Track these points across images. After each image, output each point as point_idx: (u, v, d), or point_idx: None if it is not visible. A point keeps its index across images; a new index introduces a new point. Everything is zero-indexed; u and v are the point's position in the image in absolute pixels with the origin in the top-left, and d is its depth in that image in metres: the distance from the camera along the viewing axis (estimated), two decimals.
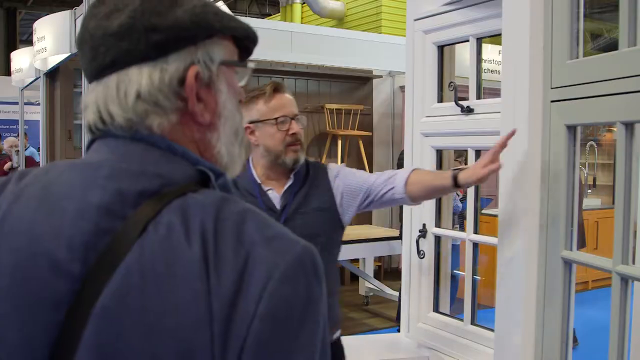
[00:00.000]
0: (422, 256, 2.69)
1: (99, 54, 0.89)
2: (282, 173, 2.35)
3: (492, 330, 2.16)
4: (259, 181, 2.34)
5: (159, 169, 0.86)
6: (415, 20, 2.65)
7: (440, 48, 2.64)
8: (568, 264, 1.66)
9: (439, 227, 2.75)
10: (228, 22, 0.94)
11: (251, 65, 1.01)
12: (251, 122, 2.30)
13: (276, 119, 2.28)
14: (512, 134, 1.87)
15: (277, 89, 2.32)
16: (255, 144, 2.32)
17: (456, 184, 2.09)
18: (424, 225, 2.70)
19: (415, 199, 2.26)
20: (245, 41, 0.99)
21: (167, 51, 0.88)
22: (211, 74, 0.92)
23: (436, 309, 2.74)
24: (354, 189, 2.32)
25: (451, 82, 2.56)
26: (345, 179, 2.35)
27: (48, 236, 0.81)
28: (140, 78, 0.87)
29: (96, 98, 0.90)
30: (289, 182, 2.34)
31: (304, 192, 2.32)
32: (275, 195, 2.33)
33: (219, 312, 0.75)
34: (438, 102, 2.65)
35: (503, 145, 1.91)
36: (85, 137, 1.02)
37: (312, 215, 2.30)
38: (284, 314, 0.77)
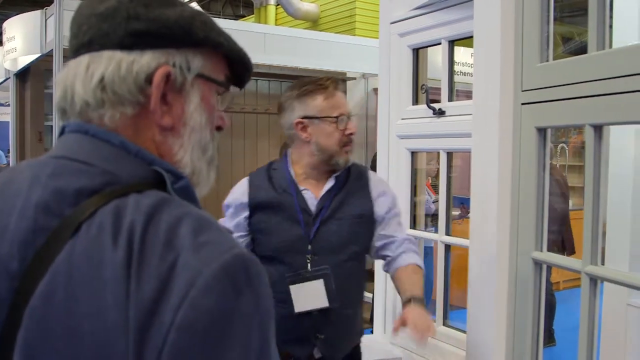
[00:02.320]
0: None
1: (81, 32, 0.89)
2: (324, 174, 2.20)
3: (464, 331, 2.18)
4: (295, 180, 2.19)
5: (105, 166, 0.84)
6: (392, 23, 2.66)
7: (415, 51, 2.66)
8: (538, 264, 1.68)
9: (414, 228, 2.77)
10: (215, 37, 0.92)
11: (234, 90, 0.99)
12: (305, 117, 2.13)
13: (337, 117, 2.13)
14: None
15: (336, 86, 2.17)
16: (306, 141, 2.15)
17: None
18: None
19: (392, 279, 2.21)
20: (238, 65, 0.98)
21: (145, 45, 0.87)
22: (184, 81, 0.90)
23: None
24: (386, 219, 2.20)
25: (423, 85, 2.58)
26: (387, 203, 2.21)
27: None
28: (109, 62, 0.86)
29: (67, 74, 0.89)
30: (329, 185, 2.18)
31: (342, 196, 2.17)
32: (310, 196, 2.18)
33: (135, 320, 0.70)
34: (413, 104, 2.67)
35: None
36: (56, 131, 1.02)
37: (348, 222, 2.16)
38: (203, 327, 0.71)
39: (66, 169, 0.83)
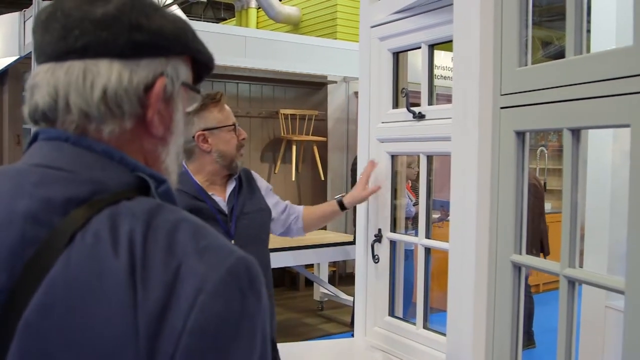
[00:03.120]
0: (376, 261, 2.70)
1: (71, 36, 0.84)
2: (225, 178, 2.51)
3: (444, 334, 2.18)
4: (202, 187, 2.46)
5: (91, 174, 0.83)
6: (372, 27, 2.66)
7: (395, 55, 2.66)
8: (517, 267, 1.69)
9: (394, 232, 2.77)
10: (200, 46, 0.95)
11: (202, 94, 1.01)
12: (205, 129, 2.39)
13: (233, 125, 2.45)
14: (374, 165, 2.60)
15: (224, 99, 2.51)
16: (207, 151, 2.42)
17: (342, 207, 2.74)
18: (379, 230, 2.72)
19: (307, 227, 2.76)
20: (203, 69, 1.00)
21: (142, 55, 0.86)
22: (173, 91, 0.91)
23: (391, 313, 2.75)
24: (274, 202, 2.68)
25: (403, 89, 2.59)
26: (267, 191, 2.68)
27: None
28: (110, 73, 0.84)
29: (55, 81, 0.85)
30: (232, 186, 2.51)
31: (243, 195, 2.51)
32: (219, 199, 2.46)
33: (145, 327, 0.71)
34: (393, 108, 2.67)
35: (368, 174, 2.63)
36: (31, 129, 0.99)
37: (255, 216, 2.51)
38: (215, 330, 0.73)
39: (52, 178, 0.82)
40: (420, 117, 2.47)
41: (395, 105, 2.67)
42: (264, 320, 0.79)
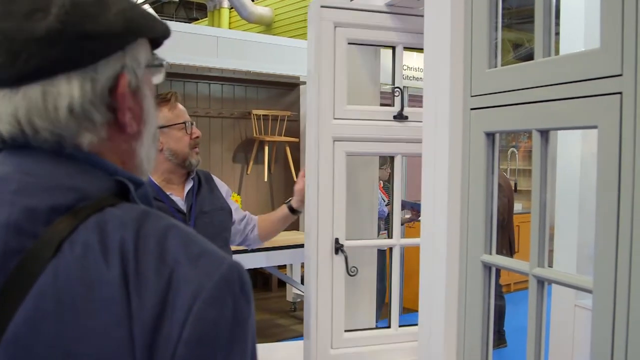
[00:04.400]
0: (353, 273, 2.46)
1: (20, 60, 0.77)
2: (182, 176, 2.55)
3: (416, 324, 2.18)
4: (159, 186, 2.48)
5: (72, 181, 0.80)
6: (322, 7, 2.59)
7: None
8: (488, 267, 1.70)
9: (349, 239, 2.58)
10: (154, 24, 0.88)
11: (166, 64, 0.94)
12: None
13: (183, 123, 2.49)
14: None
15: (177, 99, 2.55)
16: (158, 149, 2.43)
17: (293, 211, 2.75)
18: (336, 239, 2.45)
19: (262, 235, 2.80)
20: (161, 38, 0.94)
21: (97, 59, 0.81)
22: (138, 80, 0.87)
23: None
24: (235, 208, 2.72)
25: (397, 87, 2.54)
26: (227, 196, 2.72)
27: None
28: (70, 90, 0.79)
29: (14, 110, 0.79)
30: (189, 185, 2.54)
31: (202, 194, 2.55)
32: (177, 198, 2.50)
33: (141, 337, 0.70)
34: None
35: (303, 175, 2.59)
36: None
37: (216, 214, 2.55)
38: (210, 338, 0.73)
39: (32, 186, 0.78)
40: (402, 118, 2.46)
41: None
42: (253, 323, 0.80)
